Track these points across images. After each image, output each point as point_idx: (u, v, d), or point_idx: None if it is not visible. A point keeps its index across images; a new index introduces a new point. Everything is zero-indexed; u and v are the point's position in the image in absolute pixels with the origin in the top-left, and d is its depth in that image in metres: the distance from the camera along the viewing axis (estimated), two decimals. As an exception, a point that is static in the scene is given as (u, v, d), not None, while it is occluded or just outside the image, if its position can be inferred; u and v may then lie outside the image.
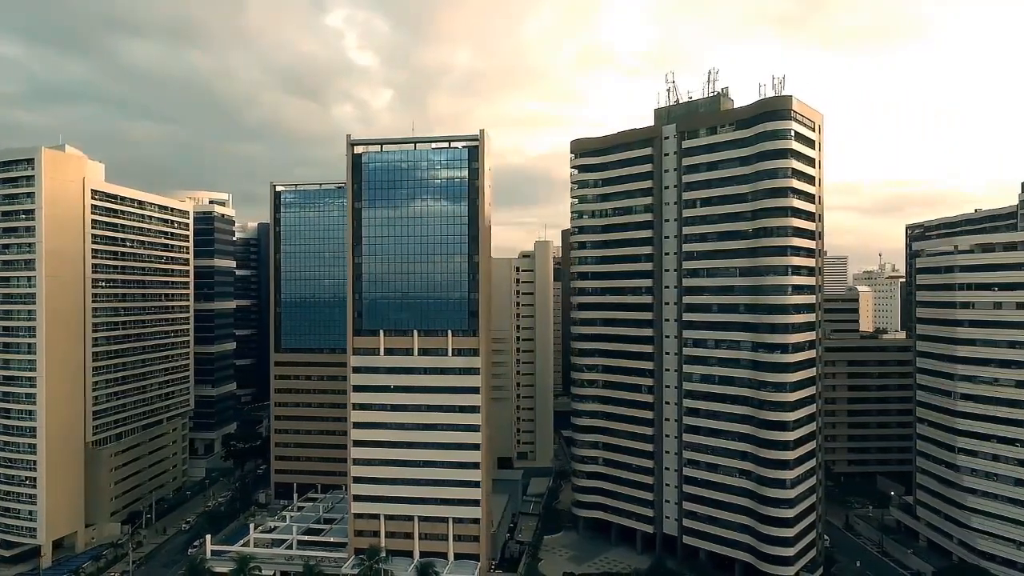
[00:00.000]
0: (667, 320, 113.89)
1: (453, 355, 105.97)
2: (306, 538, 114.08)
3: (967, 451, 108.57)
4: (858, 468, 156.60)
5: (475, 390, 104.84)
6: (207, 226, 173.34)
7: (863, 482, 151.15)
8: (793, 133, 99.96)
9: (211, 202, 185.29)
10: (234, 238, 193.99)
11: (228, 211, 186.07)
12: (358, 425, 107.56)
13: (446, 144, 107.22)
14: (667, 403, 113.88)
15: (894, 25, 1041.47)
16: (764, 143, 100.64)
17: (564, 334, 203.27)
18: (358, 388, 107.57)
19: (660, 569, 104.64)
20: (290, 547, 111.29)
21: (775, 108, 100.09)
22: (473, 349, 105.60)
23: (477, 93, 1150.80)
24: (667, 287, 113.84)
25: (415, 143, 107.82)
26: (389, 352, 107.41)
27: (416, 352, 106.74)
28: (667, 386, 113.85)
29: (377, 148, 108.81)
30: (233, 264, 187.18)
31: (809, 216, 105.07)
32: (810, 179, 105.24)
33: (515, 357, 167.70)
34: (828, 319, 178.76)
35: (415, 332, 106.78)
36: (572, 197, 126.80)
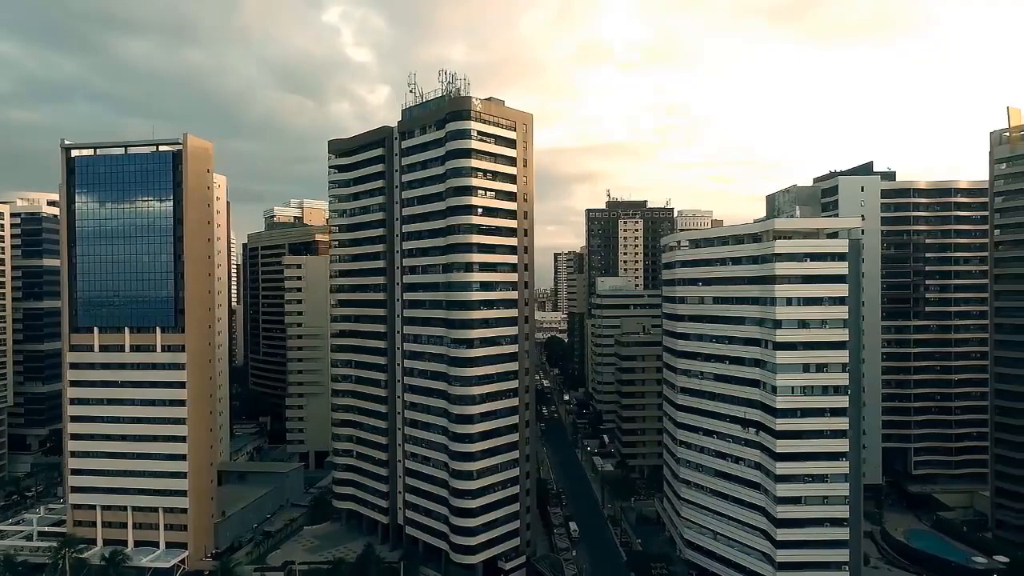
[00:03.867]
0: (398, 316, 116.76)
1: (161, 351, 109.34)
2: (47, 529, 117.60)
3: (684, 443, 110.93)
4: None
5: (181, 385, 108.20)
6: (35, 227, 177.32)
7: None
8: (475, 133, 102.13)
9: (50, 203, 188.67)
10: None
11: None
12: (75, 419, 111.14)
13: (154, 148, 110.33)
14: (399, 397, 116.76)
15: (893, 21, 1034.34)
16: (450, 143, 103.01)
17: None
18: (75, 383, 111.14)
19: (368, 558, 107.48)
20: (30, 538, 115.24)
21: (456, 109, 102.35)
22: (180, 346, 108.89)
23: (474, 88, 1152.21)
24: (397, 284, 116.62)
25: (126, 147, 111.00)
26: (104, 348, 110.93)
27: (128, 348, 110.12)
28: (398, 381, 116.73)
29: (92, 151, 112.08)
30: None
31: (508, 214, 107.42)
32: (509, 178, 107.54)
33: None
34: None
35: (127, 329, 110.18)
36: (329, 197, 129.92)
